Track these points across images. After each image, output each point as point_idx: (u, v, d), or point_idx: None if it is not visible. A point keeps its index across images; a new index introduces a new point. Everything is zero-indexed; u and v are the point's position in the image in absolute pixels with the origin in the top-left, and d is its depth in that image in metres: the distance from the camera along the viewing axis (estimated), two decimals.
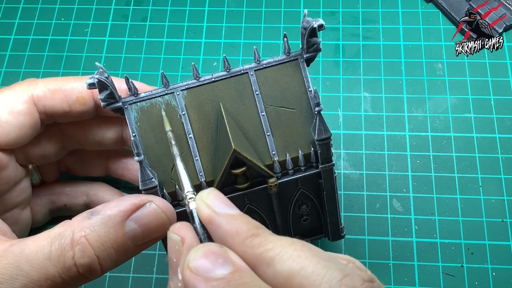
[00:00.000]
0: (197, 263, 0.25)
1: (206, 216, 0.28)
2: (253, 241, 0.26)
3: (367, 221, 0.48)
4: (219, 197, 0.29)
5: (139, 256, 0.46)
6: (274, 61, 0.38)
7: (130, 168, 0.46)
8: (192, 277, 0.25)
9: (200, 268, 0.25)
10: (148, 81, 0.47)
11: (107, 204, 0.33)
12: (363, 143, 0.52)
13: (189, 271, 0.25)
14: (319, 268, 0.24)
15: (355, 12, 0.59)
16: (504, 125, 0.51)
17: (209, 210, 0.28)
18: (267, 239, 0.26)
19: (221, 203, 0.29)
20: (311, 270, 0.24)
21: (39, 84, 0.40)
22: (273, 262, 0.25)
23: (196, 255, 0.26)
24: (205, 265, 0.25)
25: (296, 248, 0.26)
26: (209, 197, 0.29)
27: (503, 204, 0.48)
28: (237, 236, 0.27)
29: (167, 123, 0.36)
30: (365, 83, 0.55)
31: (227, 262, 0.25)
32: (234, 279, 0.25)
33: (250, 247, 0.26)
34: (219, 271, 0.25)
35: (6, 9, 0.61)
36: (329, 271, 0.24)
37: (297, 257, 0.25)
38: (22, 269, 0.31)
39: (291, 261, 0.25)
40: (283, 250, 0.25)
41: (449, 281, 0.45)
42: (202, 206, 0.29)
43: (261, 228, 0.27)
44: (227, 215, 0.28)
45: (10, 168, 0.40)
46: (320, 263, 0.25)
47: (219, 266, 0.25)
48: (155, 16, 0.60)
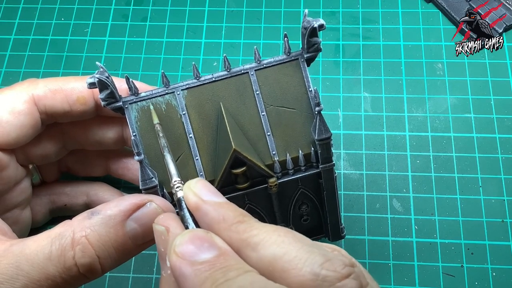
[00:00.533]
0: (183, 248, 0.26)
1: (194, 203, 0.29)
2: (238, 227, 0.27)
3: (367, 221, 0.48)
4: (206, 186, 0.29)
5: (139, 256, 0.46)
6: (275, 61, 0.38)
7: (130, 168, 0.46)
8: (178, 261, 0.25)
9: (186, 253, 0.26)
10: (148, 81, 0.46)
11: (107, 204, 0.33)
12: (363, 143, 0.52)
13: (175, 256, 0.26)
14: (301, 253, 0.25)
15: (355, 12, 0.59)
16: (504, 125, 0.52)
17: (196, 198, 0.29)
18: (252, 225, 0.27)
19: (208, 191, 0.29)
20: (294, 255, 0.25)
21: (39, 84, 0.40)
22: (257, 247, 0.26)
23: (182, 240, 0.26)
24: (190, 250, 0.26)
25: (280, 234, 0.26)
26: (197, 185, 0.29)
27: (503, 204, 0.48)
28: (224, 222, 0.27)
29: (155, 116, 0.37)
30: (365, 83, 0.55)
31: (212, 246, 0.26)
32: (219, 262, 0.25)
33: (235, 233, 0.27)
34: (204, 255, 0.25)
35: (6, 9, 0.61)
36: (311, 255, 0.25)
37: (281, 243, 0.25)
38: (22, 269, 0.31)
39: (275, 246, 0.25)
40: (267, 236, 0.26)
41: (449, 281, 0.45)
42: (189, 194, 0.29)
43: (247, 216, 0.28)
44: (214, 203, 0.28)
45: (10, 168, 0.40)
46: (303, 248, 0.25)
47: (205, 250, 0.26)
48: (155, 16, 0.60)
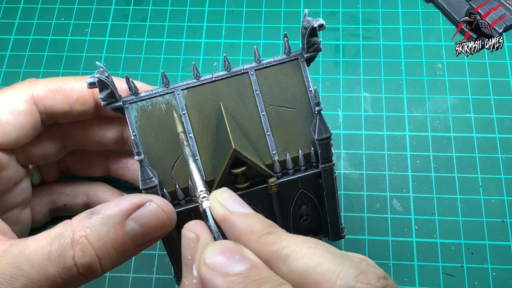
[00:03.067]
0: (214, 259, 0.26)
1: (220, 214, 0.28)
2: (267, 238, 0.27)
3: (367, 221, 0.48)
4: (233, 196, 0.29)
5: (139, 256, 0.46)
6: (275, 61, 0.38)
7: (130, 168, 0.46)
8: (209, 273, 0.25)
9: (217, 264, 0.25)
10: (148, 81, 0.46)
11: (107, 204, 0.33)
12: (363, 143, 0.52)
13: (206, 267, 0.26)
14: (334, 265, 0.25)
15: (355, 12, 0.59)
16: (504, 125, 0.52)
17: (223, 209, 0.28)
18: (281, 237, 0.27)
19: (234, 202, 0.29)
20: (326, 267, 0.25)
21: (39, 84, 0.40)
22: (288, 259, 0.25)
23: (213, 252, 0.26)
24: (222, 261, 0.25)
25: (311, 246, 0.26)
26: (223, 196, 0.29)
27: (503, 204, 0.48)
28: (252, 234, 0.27)
29: (179, 124, 0.36)
30: (365, 83, 0.55)
31: (244, 258, 0.26)
32: (252, 274, 0.25)
33: (264, 245, 0.26)
34: (236, 267, 0.25)
35: (6, 9, 0.61)
36: (344, 268, 0.25)
37: (312, 255, 0.25)
38: (22, 269, 0.31)
39: (306, 259, 0.25)
40: (297, 247, 0.26)
41: (449, 281, 0.45)
42: (216, 205, 0.29)
43: (275, 227, 0.28)
44: (241, 214, 0.28)
45: (10, 168, 0.40)
46: (335, 261, 0.25)
47: (236, 262, 0.25)
48: (155, 16, 0.60)
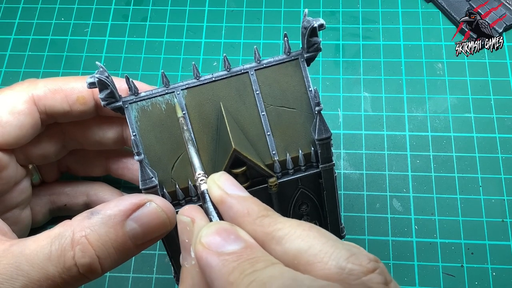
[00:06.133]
0: (209, 239, 0.26)
1: (218, 196, 0.29)
2: (263, 220, 0.27)
3: (367, 221, 0.48)
4: (230, 179, 0.30)
5: (139, 256, 0.46)
6: (275, 61, 0.38)
7: (130, 168, 0.46)
8: (204, 252, 0.26)
9: (212, 244, 0.26)
10: (148, 81, 0.47)
11: (107, 204, 0.33)
12: (363, 143, 0.52)
13: (202, 246, 0.26)
14: (326, 247, 0.25)
15: (355, 12, 0.59)
16: (504, 125, 0.52)
17: (221, 191, 0.29)
18: (276, 219, 0.27)
19: (232, 185, 0.29)
20: (319, 249, 0.25)
21: (39, 84, 0.40)
22: (282, 241, 0.26)
23: (208, 232, 0.26)
24: (217, 241, 0.26)
25: (305, 229, 0.26)
26: (221, 179, 0.30)
27: (503, 204, 0.48)
28: (248, 216, 0.27)
29: (179, 109, 0.37)
30: (365, 83, 0.55)
31: (239, 238, 0.26)
32: (246, 253, 0.25)
33: (260, 226, 0.27)
34: (231, 247, 0.26)
35: (6, 9, 0.61)
36: (336, 250, 0.25)
37: (306, 237, 0.26)
38: (22, 269, 0.31)
39: (300, 240, 0.26)
40: (292, 230, 0.26)
41: (449, 281, 0.45)
42: (214, 187, 0.29)
43: (271, 210, 0.28)
44: (238, 197, 0.29)
45: (10, 168, 0.40)
46: (328, 243, 0.25)
47: (231, 242, 0.26)
48: (155, 16, 0.60)
